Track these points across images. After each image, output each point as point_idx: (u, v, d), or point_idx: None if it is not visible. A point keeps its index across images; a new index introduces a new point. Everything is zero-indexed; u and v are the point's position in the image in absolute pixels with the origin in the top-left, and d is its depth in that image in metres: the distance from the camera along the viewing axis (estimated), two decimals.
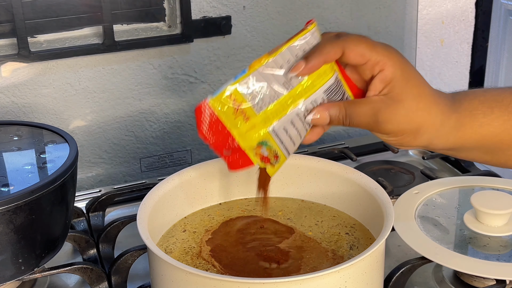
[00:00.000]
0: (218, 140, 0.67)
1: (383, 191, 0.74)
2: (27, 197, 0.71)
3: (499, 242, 0.80)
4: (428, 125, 0.67)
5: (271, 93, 0.66)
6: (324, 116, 0.67)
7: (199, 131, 0.66)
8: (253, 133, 0.67)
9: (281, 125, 0.67)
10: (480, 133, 0.69)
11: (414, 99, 0.66)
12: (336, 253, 0.72)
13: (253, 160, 0.67)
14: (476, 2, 1.30)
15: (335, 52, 0.65)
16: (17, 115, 1.06)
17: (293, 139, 0.68)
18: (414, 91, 0.66)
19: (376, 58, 0.65)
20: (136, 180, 1.13)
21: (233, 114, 0.66)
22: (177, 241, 0.75)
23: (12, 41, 1.02)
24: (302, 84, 0.66)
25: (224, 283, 0.60)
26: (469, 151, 0.71)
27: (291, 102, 0.67)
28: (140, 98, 1.12)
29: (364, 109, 0.66)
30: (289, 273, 0.68)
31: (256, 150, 0.67)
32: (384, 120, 0.65)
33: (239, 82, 0.66)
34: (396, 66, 0.66)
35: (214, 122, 0.66)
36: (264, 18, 1.16)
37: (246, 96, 0.65)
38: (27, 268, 0.76)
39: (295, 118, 0.67)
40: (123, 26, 1.09)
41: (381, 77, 0.66)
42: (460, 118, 0.68)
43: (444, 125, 0.67)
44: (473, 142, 0.69)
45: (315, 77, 0.67)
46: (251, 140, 0.67)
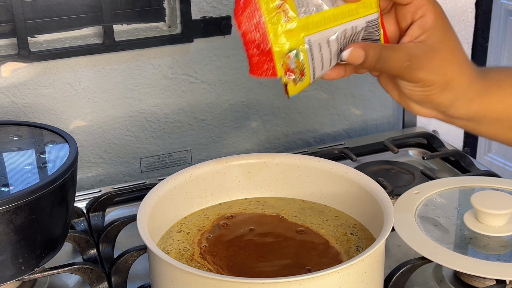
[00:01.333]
0: (250, 31, 0.62)
1: (383, 191, 0.74)
2: (27, 197, 0.71)
3: (499, 242, 0.80)
4: (457, 82, 0.66)
5: (317, 2, 0.64)
6: (359, 54, 0.64)
7: (235, 14, 0.62)
8: (289, 36, 0.63)
9: (318, 39, 0.64)
10: (505, 103, 0.68)
11: (450, 51, 0.65)
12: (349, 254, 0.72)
13: (277, 70, 0.64)
14: (476, 2, 1.30)
15: None
16: (17, 115, 1.06)
17: (324, 61, 0.66)
18: (451, 44, 0.65)
19: (422, 1, 0.64)
20: (136, 180, 1.13)
21: (275, 9, 0.62)
22: (174, 242, 0.75)
23: (12, 41, 1.02)
24: (347, 5, 0.65)
25: (224, 283, 0.60)
26: (491, 124, 0.70)
27: (333, 19, 0.64)
28: (140, 98, 1.12)
29: (400, 54, 0.64)
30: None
31: (285, 58, 0.63)
32: (418, 67, 0.64)
33: None
34: (438, 15, 0.65)
35: (252, 10, 0.62)
36: None
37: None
38: (27, 268, 0.76)
39: (333, 39, 0.65)
40: (123, 26, 1.09)
41: (422, 22, 0.64)
42: (486, 86, 0.67)
43: (470, 87, 0.66)
44: (496, 113, 0.68)
45: (360, 4, 0.65)
46: (284, 43, 0.63)
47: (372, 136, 1.24)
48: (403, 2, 0.65)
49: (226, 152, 1.21)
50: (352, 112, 1.29)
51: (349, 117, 1.29)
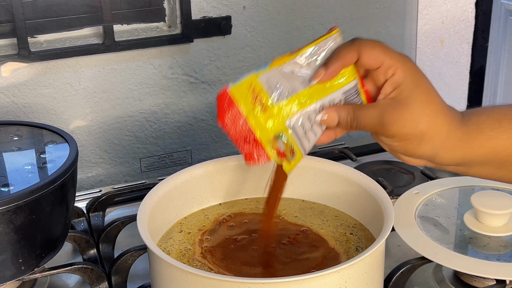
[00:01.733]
0: (236, 129, 0.67)
1: (383, 191, 0.74)
2: (27, 197, 0.71)
3: (499, 242, 0.81)
4: (433, 133, 0.66)
5: (289, 88, 0.67)
6: (332, 117, 0.68)
7: (219, 119, 0.67)
8: (270, 124, 0.67)
9: (298, 120, 0.68)
10: (488, 146, 0.68)
11: (421, 104, 0.66)
12: (348, 254, 0.72)
13: (269, 154, 0.68)
14: (476, 2, 1.30)
15: (351, 55, 0.66)
16: (17, 115, 1.06)
17: (309, 137, 0.69)
18: (422, 97, 0.66)
19: (390, 62, 0.66)
20: (136, 180, 1.13)
21: (252, 104, 0.67)
22: (174, 243, 0.75)
23: (12, 41, 1.02)
24: (321, 83, 0.68)
25: (224, 283, 0.60)
26: (480, 166, 0.70)
27: (309, 99, 0.68)
28: (140, 98, 1.12)
29: (371, 112, 0.67)
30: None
31: (273, 143, 0.68)
32: (389, 122, 0.65)
33: (260, 73, 0.67)
34: (407, 71, 0.66)
35: (233, 111, 0.67)
36: (264, 18, 1.16)
37: (264, 87, 0.67)
38: (27, 268, 0.76)
39: (312, 115, 0.68)
40: (123, 26, 1.09)
41: (392, 80, 0.66)
42: (467, 132, 0.68)
43: (450, 137, 0.67)
44: (481, 156, 0.68)
45: (334, 80, 0.68)
46: (268, 131, 0.67)
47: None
48: (373, 67, 0.67)
49: (226, 152, 1.21)
50: None
51: None
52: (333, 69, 0.67)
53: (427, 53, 1.33)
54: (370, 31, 1.24)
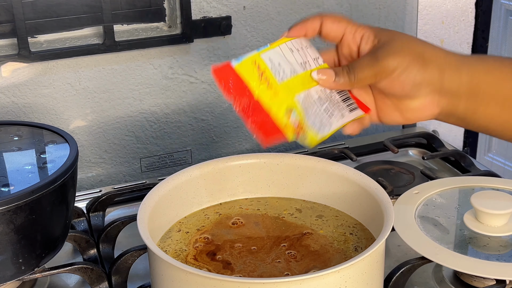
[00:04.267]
0: (247, 105, 0.67)
1: (383, 191, 0.74)
2: (27, 197, 0.71)
3: (499, 242, 0.81)
4: (431, 53, 0.67)
5: (290, 68, 0.69)
6: (329, 73, 0.69)
7: (227, 93, 0.67)
8: (279, 99, 0.68)
9: (305, 98, 0.69)
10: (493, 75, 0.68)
11: (405, 37, 0.68)
12: (346, 254, 0.72)
13: (284, 130, 0.68)
14: (476, 2, 1.30)
15: (313, 20, 0.70)
16: (17, 115, 1.06)
17: (319, 119, 0.69)
18: (402, 34, 0.68)
19: (353, 27, 0.69)
20: (136, 180, 1.13)
21: (258, 79, 0.67)
22: (172, 242, 0.75)
23: (12, 41, 1.02)
24: (314, 69, 0.69)
25: (224, 283, 0.60)
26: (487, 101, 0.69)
27: (308, 83, 0.69)
28: (140, 98, 1.13)
29: (364, 58, 0.68)
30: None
31: (286, 117, 0.68)
32: (383, 56, 0.66)
33: (262, 52, 0.69)
34: (375, 28, 0.69)
35: (240, 87, 0.67)
36: (264, 18, 1.16)
37: (268, 65, 0.68)
38: (27, 268, 0.76)
39: (315, 101, 0.69)
40: (123, 26, 1.09)
41: (365, 39, 0.69)
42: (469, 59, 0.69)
43: (449, 57, 0.68)
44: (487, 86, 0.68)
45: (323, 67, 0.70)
46: (277, 105, 0.68)
47: (372, 136, 1.24)
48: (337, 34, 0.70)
49: (226, 152, 1.21)
50: None
51: None
52: (294, 31, 0.71)
53: None
54: None
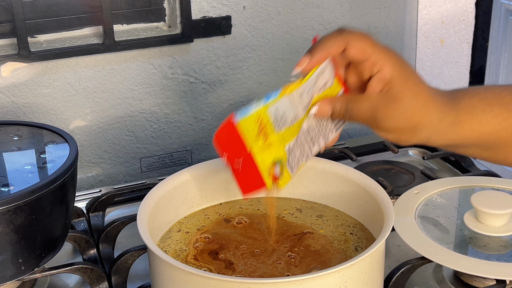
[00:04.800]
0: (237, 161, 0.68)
1: (383, 191, 0.74)
2: (27, 197, 0.71)
3: (499, 242, 0.80)
4: (426, 123, 0.67)
5: (293, 115, 0.68)
6: (326, 109, 0.68)
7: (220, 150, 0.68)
8: (270, 152, 0.68)
9: (296, 142, 0.69)
10: (478, 130, 0.69)
11: (412, 98, 0.66)
12: (347, 254, 0.72)
13: (266, 183, 0.69)
14: (476, 2, 1.30)
15: (338, 46, 0.66)
16: (17, 115, 1.06)
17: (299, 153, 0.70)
18: (412, 90, 0.67)
19: (377, 57, 0.66)
20: (136, 180, 1.13)
21: (256, 136, 0.67)
22: (172, 242, 0.75)
23: (12, 41, 1.02)
24: (313, 101, 0.69)
25: (224, 283, 0.60)
26: (468, 147, 0.72)
27: (303, 119, 0.69)
28: (140, 98, 1.12)
29: (364, 106, 0.67)
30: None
31: (270, 170, 0.69)
32: (383, 118, 0.66)
33: (271, 104, 0.67)
34: (395, 66, 0.66)
35: (237, 143, 0.67)
36: (264, 18, 1.16)
37: (271, 118, 0.67)
38: (27, 268, 0.76)
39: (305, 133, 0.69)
40: (123, 26, 1.09)
41: (380, 76, 0.66)
42: (458, 115, 0.69)
43: (442, 123, 0.68)
44: (471, 139, 0.70)
45: (328, 94, 0.69)
46: (268, 158, 0.68)
47: (372, 136, 1.24)
48: (359, 61, 0.67)
49: None
50: None
51: None
52: (318, 58, 0.67)
53: (427, 53, 1.33)
54: (370, 31, 1.24)
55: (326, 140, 0.72)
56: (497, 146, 0.70)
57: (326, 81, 0.69)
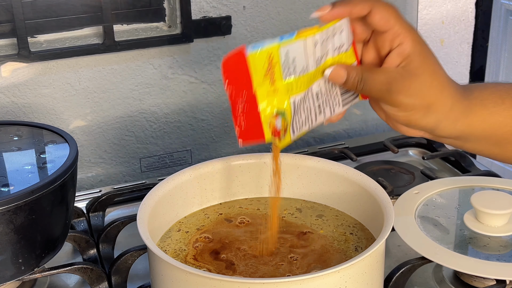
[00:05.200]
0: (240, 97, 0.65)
1: (383, 191, 0.74)
2: (27, 197, 0.71)
3: (499, 242, 0.80)
4: (439, 105, 0.66)
5: (303, 65, 0.65)
6: (341, 74, 0.66)
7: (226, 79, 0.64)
8: (275, 98, 0.65)
9: (301, 99, 0.67)
10: (489, 121, 0.68)
11: (430, 76, 0.66)
12: (346, 253, 0.72)
13: (265, 133, 0.66)
14: (476, 2, 1.30)
15: (363, 6, 0.65)
16: (17, 115, 1.06)
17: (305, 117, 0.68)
18: (430, 68, 0.66)
19: (399, 29, 0.65)
20: (136, 180, 1.13)
21: (264, 75, 0.64)
22: (172, 242, 0.75)
23: (12, 41, 1.02)
24: (327, 62, 0.67)
25: (224, 283, 0.60)
26: (477, 141, 0.71)
27: (315, 77, 0.67)
28: (140, 98, 1.12)
29: (380, 77, 0.66)
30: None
31: (272, 120, 0.66)
32: (397, 90, 0.65)
33: (283, 44, 0.64)
34: (416, 42, 0.66)
35: (244, 77, 0.64)
36: (264, 18, 1.16)
37: (282, 59, 0.64)
38: (27, 268, 0.76)
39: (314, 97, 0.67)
40: (123, 26, 1.09)
41: (400, 50, 0.66)
42: (470, 105, 0.68)
43: (453, 109, 0.67)
44: (481, 132, 0.69)
45: (342, 59, 0.67)
46: (271, 106, 0.65)
47: (372, 136, 1.24)
48: (380, 29, 0.66)
49: (226, 152, 1.21)
50: (352, 112, 1.29)
51: (349, 117, 1.29)
52: (340, 10, 0.65)
53: None
54: None
55: (332, 112, 0.70)
56: (506, 141, 0.70)
57: (342, 43, 0.67)
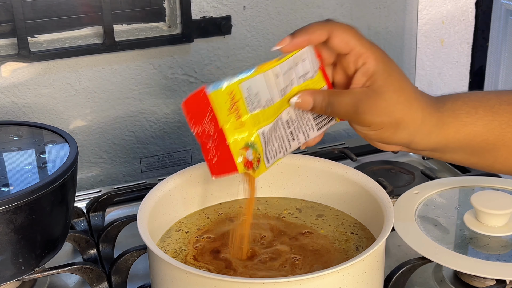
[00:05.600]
0: (207, 136, 0.65)
1: (383, 191, 0.74)
2: (27, 197, 0.71)
3: (499, 242, 0.81)
4: (408, 120, 0.66)
5: (267, 98, 0.66)
6: (307, 100, 0.67)
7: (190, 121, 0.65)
8: (243, 132, 0.66)
9: (270, 129, 0.67)
10: (463, 132, 0.68)
11: (395, 92, 0.66)
12: (347, 253, 0.72)
13: (237, 164, 0.66)
14: (476, 2, 1.30)
15: (321, 33, 0.66)
16: (17, 115, 1.06)
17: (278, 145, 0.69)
18: (395, 85, 0.66)
19: (360, 50, 0.66)
20: (136, 180, 1.13)
21: (229, 111, 0.65)
22: (172, 242, 0.75)
23: (12, 41, 1.02)
24: (293, 91, 0.67)
25: (224, 283, 0.60)
26: (454, 152, 0.70)
27: (282, 107, 0.67)
28: (140, 98, 1.12)
29: (346, 99, 0.66)
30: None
31: (242, 151, 0.66)
32: (364, 111, 0.65)
33: (243, 80, 0.64)
34: (379, 60, 0.66)
35: (208, 114, 0.64)
36: (264, 18, 1.16)
37: (244, 95, 0.65)
38: (27, 268, 0.76)
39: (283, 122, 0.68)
40: (123, 26, 1.09)
41: (364, 70, 0.66)
42: (442, 117, 0.68)
43: (425, 123, 0.67)
44: (456, 142, 0.69)
45: (309, 85, 0.68)
46: (240, 139, 0.66)
47: None
48: (342, 52, 0.66)
49: None
50: None
51: None
52: (299, 41, 0.66)
53: (427, 53, 1.33)
54: (370, 31, 1.24)
55: (307, 137, 0.70)
56: (483, 150, 0.69)
57: (307, 71, 0.68)
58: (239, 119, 0.65)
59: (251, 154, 0.66)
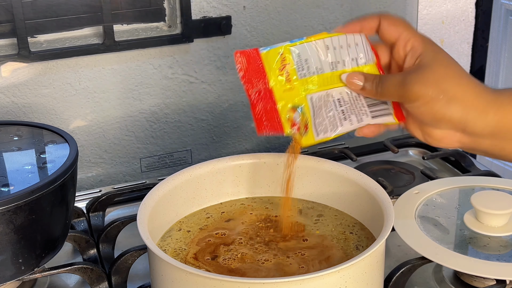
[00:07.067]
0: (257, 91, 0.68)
1: (383, 191, 0.74)
2: (27, 197, 0.71)
3: (499, 242, 0.81)
4: (460, 91, 0.66)
5: (317, 66, 0.69)
6: (359, 78, 0.70)
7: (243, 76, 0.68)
8: (291, 93, 0.69)
9: (319, 98, 0.69)
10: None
11: (443, 67, 0.67)
12: (346, 252, 0.72)
13: (283, 123, 0.69)
14: (476, 2, 1.30)
15: (371, 19, 0.71)
16: (17, 115, 1.06)
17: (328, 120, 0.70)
18: (443, 61, 0.68)
19: (408, 34, 0.69)
20: (136, 180, 1.13)
21: (279, 71, 0.68)
22: (172, 242, 0.75)
23: (12, 41, 1.02)
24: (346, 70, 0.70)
25: (224, 283, 0.60)
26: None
27: (332, 82, 0.70)
28: (140, 98, 1.12)
29: (395, 76, 0.69)
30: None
31: (290, 113, 0.69)
32: (411, 82, 0.66)
33: (294, 45, 0.69)
34: (426, 42, 0.69)
35: (259, 73, 0.68)
36: (264, 18, 1.16)
37: (294, 59, 0.68)
38: (27, 268, 0.76)
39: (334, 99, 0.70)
40: (123, 26, 1.09)
41: (412, 52, 0.69)
42: (499, 98, 0.66)
43: (479, 98, 0.66)
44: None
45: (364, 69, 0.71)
46: (288, 99, 0.69)
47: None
48: (392, 37, 0.70)
49: (226, 152, 1.21)
50: None
51: None
52: (350, 26, 0.71)
53: None
54: None
55: (360, 120, 0.70)
56: None
57: (360, 55, 0.71)
58: (289, 82, 0.68)
59: (298, 116, 0.69)
